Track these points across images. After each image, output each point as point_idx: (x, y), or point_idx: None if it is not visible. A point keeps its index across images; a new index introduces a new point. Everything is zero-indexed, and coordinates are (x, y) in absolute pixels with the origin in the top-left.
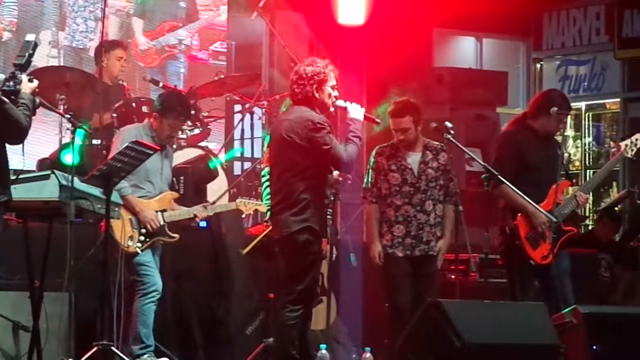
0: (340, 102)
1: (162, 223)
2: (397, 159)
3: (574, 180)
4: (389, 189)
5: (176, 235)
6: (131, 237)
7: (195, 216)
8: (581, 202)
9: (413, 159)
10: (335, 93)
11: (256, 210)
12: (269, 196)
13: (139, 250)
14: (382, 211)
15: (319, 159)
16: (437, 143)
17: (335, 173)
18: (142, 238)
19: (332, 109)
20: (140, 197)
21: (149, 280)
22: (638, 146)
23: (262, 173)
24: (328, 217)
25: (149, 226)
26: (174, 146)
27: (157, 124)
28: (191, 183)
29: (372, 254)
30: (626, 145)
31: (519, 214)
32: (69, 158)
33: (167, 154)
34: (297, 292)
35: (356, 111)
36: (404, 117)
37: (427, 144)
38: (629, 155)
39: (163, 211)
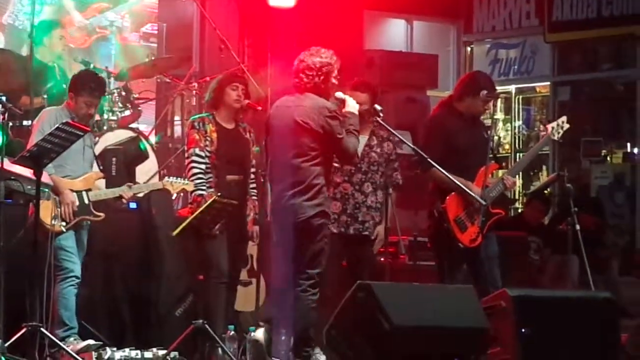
0: (339, 94)
1: (86, 202)
2: None
3: (502, 164)
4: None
5: (101, 214)
6: (55, 217)
7: (121, 196)
8: (508, 185)
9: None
10: (336, 82)
11: (184, 190)
12: (193, 177)
13: (63, 229)
14: None
15: (330, 147)
16: (384, 132)
17: None
18: None
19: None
20: (63, 177)
21: (67, 266)
22: (564, 128)
23: (187, 155)
24: (254, 197)
25: (63, 208)
26: (105, 127)
27: (73, 103)
28: (122, 164)
29: None
30: (552, 127)
31: (448, 197)
32: None
33: (87, 135)
34: (317, 276)
35: (352, 105)
36: (363, 92)
37: (374, 131)
38: (556, 138)
39: (88, 190)
